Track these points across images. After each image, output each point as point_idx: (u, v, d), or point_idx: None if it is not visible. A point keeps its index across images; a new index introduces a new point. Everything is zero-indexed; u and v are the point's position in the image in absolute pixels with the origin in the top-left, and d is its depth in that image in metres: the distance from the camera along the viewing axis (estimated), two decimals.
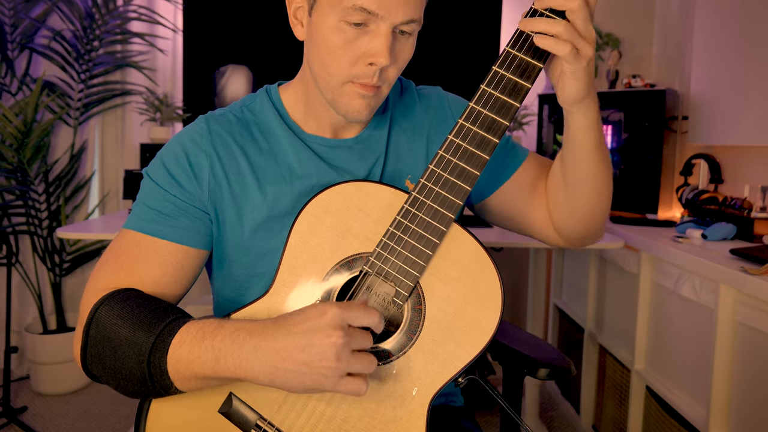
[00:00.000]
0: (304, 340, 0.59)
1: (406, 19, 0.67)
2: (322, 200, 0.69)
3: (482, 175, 0.82)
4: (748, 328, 1.19)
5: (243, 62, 2.13)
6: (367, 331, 0.62)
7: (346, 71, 0.69)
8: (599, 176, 0.75)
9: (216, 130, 0.76)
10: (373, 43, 0.67)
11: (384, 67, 0.68)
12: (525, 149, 0.87)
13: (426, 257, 0.65)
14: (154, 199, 0.74)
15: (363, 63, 0.68)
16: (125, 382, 0.66)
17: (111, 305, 0.67)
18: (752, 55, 1.61)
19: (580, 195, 0.76)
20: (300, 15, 0.72)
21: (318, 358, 0.58)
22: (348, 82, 0.70)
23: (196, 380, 0.64)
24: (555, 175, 0.79)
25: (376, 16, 0.65)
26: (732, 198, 1.63)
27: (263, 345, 0.60)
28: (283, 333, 0.60)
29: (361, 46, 0.68)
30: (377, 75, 0.69)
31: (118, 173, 2.33)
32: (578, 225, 0.80)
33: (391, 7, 0.65)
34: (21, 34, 2.19)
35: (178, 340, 0.64)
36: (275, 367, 0.60)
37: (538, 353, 0.93)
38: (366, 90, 0.70)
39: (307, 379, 0.60)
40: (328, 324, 0.59)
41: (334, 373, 0.59)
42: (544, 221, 0.83)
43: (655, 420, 1.52)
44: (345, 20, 0.66)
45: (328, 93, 0.72)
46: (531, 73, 0.64)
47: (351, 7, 0.65)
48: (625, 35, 2.22)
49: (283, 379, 0.60)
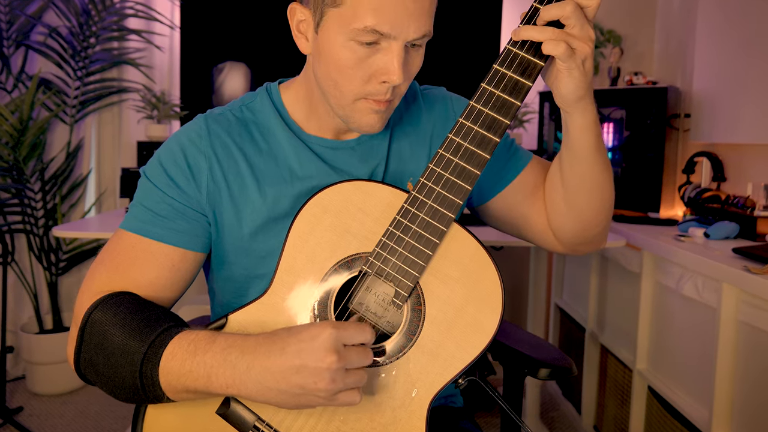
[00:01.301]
0: (297, 361, 0.59)
1: (419, 35, 0.66)
2: (321, 200, 0.68)
3: (484, 178, 0.83)
4: (751, 327, 1.18)
5: (241, 59, 2.12)
6: (364, 348, 0.62)
7: (358, 89, 0.68)
8: (598, 178, 0.74)
9: (215, 130, 0.75)
10: (386, 62, 0.66)
11: (398, 84, 0.67)
12: (528, 153, 0.86)
13: (426, 257, 0.65)
14: (151, 200, 0.73)
15: (376, 81, 0.68)
16: (118, 390, 0.66)
17: (104, 310, 0.67)
18: (755, 52, 1.60)
19: (579, 198, 0.76)
20: (303, 28, 0.71)
21: (312, 381, 0.58)
22: (361, 98, 0.69)
23: (188, 393, 0.64)
24: (553, 179, 0.78)
25: (388, 36, 0.64)
26: (735, 196, 1.62)
27: (256, 364, 0.60)
28: (277, 352, 0.60)
29: (373, 65, 0.67)
30: (390, 90, 0.68)
31: (115, 171, 2.32)
32: (577, 230, 0.79)
33: (403, 26, 0.64)
34: (17, 31, 2.18)
35: (170, 352, 0.63)
36: (268, 386, 0.60)
37: (539, 353, 0.92)
38: (379, 105, 0.69)
39: (301, 399, 0.60)
40: (322, 346, 0.58)
41: (327, 394, 0.59)
42: (544, 226, 0.83)
43: (657, 420, 1.52)
44: (355, 40, 0.65)
45: (339, 110, 0.72)
46: (532, 72, 0.64)
47: (362, 29, 0.64)
48: (627, 32, 2.22)
49: (276, 398, 0.60)
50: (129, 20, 2.25)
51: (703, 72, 1.83)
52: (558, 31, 0.62)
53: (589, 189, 0.74)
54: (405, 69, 0.67)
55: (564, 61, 0.62)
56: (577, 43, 0.62)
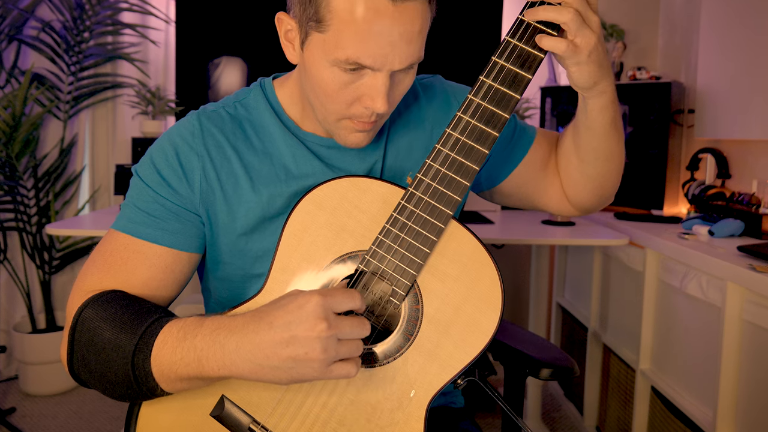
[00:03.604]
0: (287, 333, 0.57)
1: (404, 66, 0.64)
2: (315, 197, 0.67)
3: (492, 162, 0.84)
4: (756, 327, 1.18)
5: (237, 54, 2.11)
6: (360, 318, 0.60)
7: (342, 111, 0.68)
8: (614, 149, 0.76)
9: (208, 128, 0.74)
10: (370, 89, 0.65)
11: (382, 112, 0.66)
12: (532, 127, 0.87)
13: (423, 255, 0.64)
14: (143, 200, 0.72)
15: (359, 105, 0.67)
16: (111, 386, 0.65)
17: (95, 308, 0.66)
18: (761, 46, 1.59)
19: (595, 168, 0.78)
20: (291, 37, 0.69)
21: (303, 352, 0.57)
22: (345, 118, 0.69)
23: (181, 381, 0.63)
24: (567, 152, 0.80)
25: (372, 68, 0.63)
26: (740, 193, 1.62)
27: (245, 341, 0.59)
28: (265, 327, 0.59)
29: (357, 90, 0.66)
30: (374, 114, 0.67)
31: (109, 168, 2.31)
32: (593, 195, 0.82)
33: (387, 59, 0.63)
34: (9, 25, 2.16)
35: (161, 341, 0.63)
36: (260, 364, 0.59)
37: (541, 353, 0.92)
38: (363, 126, 0.69)
39: (294, 373, 0.59)
40: (310, 314, 0.57)
41: (321, 365, 0.58)
42: (558, 196, 0.85)
43: (660, 421, 1.51)
44: (338, 66, 0.64)
45: (324, 124, 0.71)
46: (532, 64, 0.63)
47: (344, 60, 0.63)
48: (630, 26, 2.20)
49: (269, 375, 0.59)
50: (123, 14, 2.24)
51: (707, 67, 1.82)
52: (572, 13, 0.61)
53: (605, 158, 0.76)
54: (390, 94, 0.66)
55: (568, 57, 0.62)
56: (579, 38, 0.61)
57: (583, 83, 0.65)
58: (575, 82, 0.66)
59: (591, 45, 0.61)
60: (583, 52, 0.62)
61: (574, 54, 0.61)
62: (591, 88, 0.67)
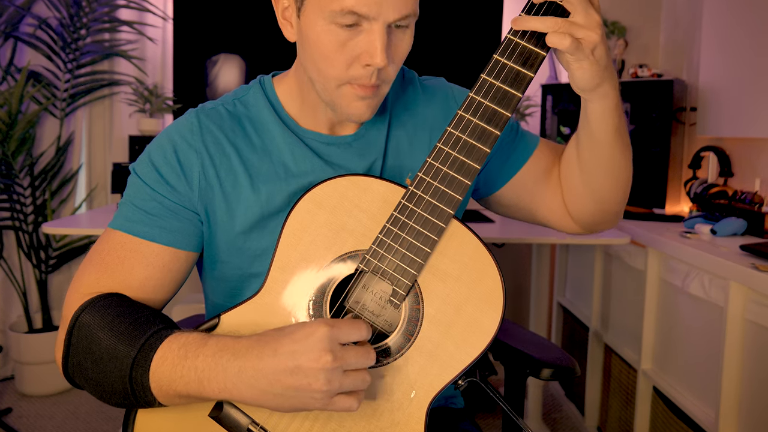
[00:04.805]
0: (291, 362, 0.57)
1: (399, 16, 0.64)
2: (315, 195, 0.67)
3: (491, 168, 0.82)
4: (758, 326, 1.17)
5: (235, 51, 2.10)
6: (365, 348, 0.60)
7: (342, 74, 0.67)
8: (619, 160, 0.73)
9: (207, 125, 0.73)
10: (368, 44, 0.64)
11: (381, 66, 0.66)
12: (536, 136, 0.85)
13: (424, 255, 0.64)
14: (141, 198, 0.72)
15: (359, 65, 0.66)
16: (108, 395, 0.65)
17: (92, 313, 0.66)
18: (764, 44, 1.59)
19: (598, 180, 0.75)
20: (288, 15, 0.70)
21: (307, 382, 0.57)
22: (345, 84, 0.68)
23: (179, 398, 0.63)
24: (570, 162, 0.77)
25: (367, 17, 0.63)
26: (742, 192, 1.62)
27: (248, 366, 0.59)
28: (269, 353, 0.58)
29: (355, 48, 0.65)
30: (375, 75, 0.67)
31: (106, 166, 2.30)
32: (595, 210, 0.79)
33: (381, 8, 0.63)
34: (5, 22, 2.15)
35: (161, 356, 0.62)
36: (262, 390, 0.59)
37: (542, 353, 0.92)
38: (365, 91, 0.68)
39: (296, 401, 0.59)
40: (316, 345, 0.57)
41: (323, 396, 0.58)
42: (560, 209, 0.82)
43: (662, 422, 1.51)
44: (335, 23, 0.64)
45: (325, 95, 0.70)
46: (534, 62, 0.62)
47: (339, 11, 0.63)
48: (632, 23, 2.19)
49: (270, 401, 0.59)
50: (121, 11, 2.23)
51: (709, 64, 1.82)
52: (561, 21, 0.60)
53: (608, 171, 0.74)
54: (389, 51, 0.65)
55: (571, 53, 0.61)
56: (582, 33, 0.60)
57: (585, 83, 0.64)
58: (577, 82, 0.65)
59: (594, 40, 0.60)
60: (587, 47, 0.61)
61: (578, 49, 0.60)
62: (593, 89, 0.65)
